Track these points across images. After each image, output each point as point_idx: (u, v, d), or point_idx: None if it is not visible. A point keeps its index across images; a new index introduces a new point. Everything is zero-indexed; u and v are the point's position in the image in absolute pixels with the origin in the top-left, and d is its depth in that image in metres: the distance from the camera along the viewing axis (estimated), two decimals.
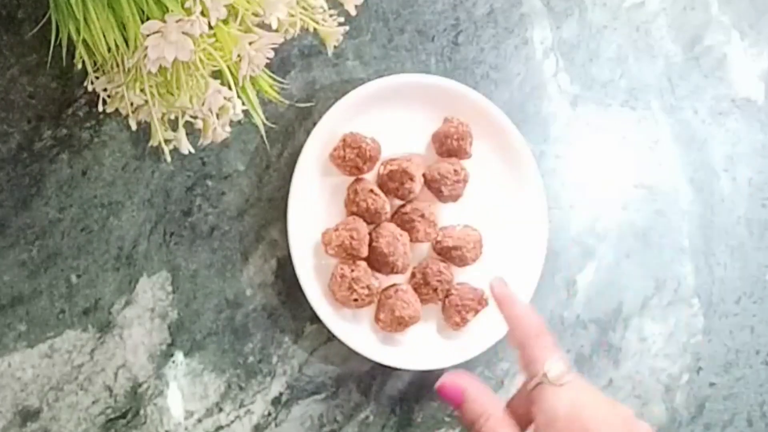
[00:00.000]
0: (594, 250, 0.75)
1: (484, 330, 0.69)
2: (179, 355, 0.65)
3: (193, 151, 0.58)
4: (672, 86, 0.78)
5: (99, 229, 0.64)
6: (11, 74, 0.62)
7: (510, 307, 0.57)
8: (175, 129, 0.57)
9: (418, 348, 0.68)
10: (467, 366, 0.69)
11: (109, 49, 0.53)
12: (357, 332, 0.66)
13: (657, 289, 0.76)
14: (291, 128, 0.68)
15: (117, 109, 0.57)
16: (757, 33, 0.81)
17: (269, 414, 0.66)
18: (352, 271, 0.65)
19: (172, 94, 0.54)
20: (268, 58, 0.54)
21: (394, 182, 0.66)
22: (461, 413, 0.54)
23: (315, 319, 0.66)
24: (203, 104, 0.53)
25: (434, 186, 0.68)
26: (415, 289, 0.67)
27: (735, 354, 0.77)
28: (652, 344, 0.75)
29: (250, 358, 0.66)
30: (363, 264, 0.66)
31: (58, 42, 0.56)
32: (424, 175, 0.68)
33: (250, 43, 0.52)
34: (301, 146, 0.66)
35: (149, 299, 0.64)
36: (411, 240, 0.67)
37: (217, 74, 0.54)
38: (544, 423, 0.50)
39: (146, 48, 0.49)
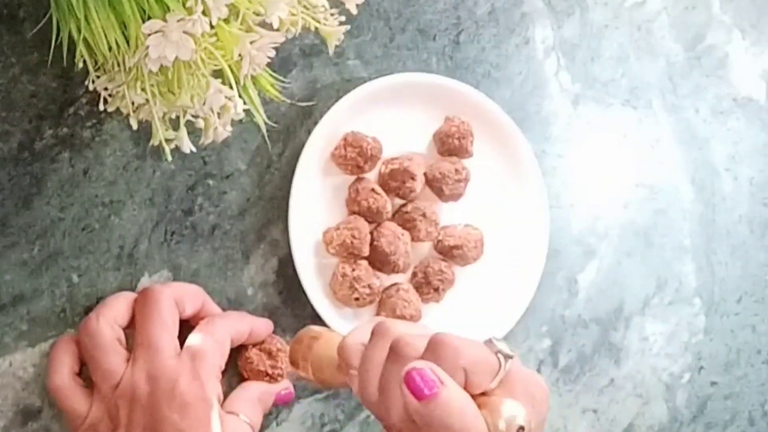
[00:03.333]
0: (595, 249, 0.75)
1: (486, 330, 0.69)
2: None
3: (194, 150, 0.57)
4: (673, 85, 0.78)
5: (100, 228, 0.64)
6: (12, 73, 0.62)
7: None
8: (176, 128, 0.57)
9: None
10: None
11: (110, 48, 0.53)
12: None
13: (658, 289, 0.76)
14: (292, 127, 0.68)
15: (118, 108, 0.57)
16: (758, 32, 0.81)
17: (270, 413, 0.66)
18: (354, 270, 0.65)
19: (173, 94, 0.54)
20: (269, 57, 0.54)
21: (395, 181, 0.66)
22: (427, 408, 0.42)
23: (316, 318, 0.65)
24: (204, 103, 0.53)
25: (435, 185, 0.68)
26: (417, 289, 0.67)
27: (736, 353, 0.77)
28: (653, 343, 0.75)
29: None
30: (364, 263, 0.66)
31: (58, 41, 0.56)
32: (425, 174, 0.68)
33: (252, 43, 0.52)
34: (303, 145, 0.66)
35: None
36: (412, 239, 0.67)
37: (218, 73, 0.54)
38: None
39: (147, 47, 0.49)
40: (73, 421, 0.55)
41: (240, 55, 0.52)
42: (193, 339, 0.55)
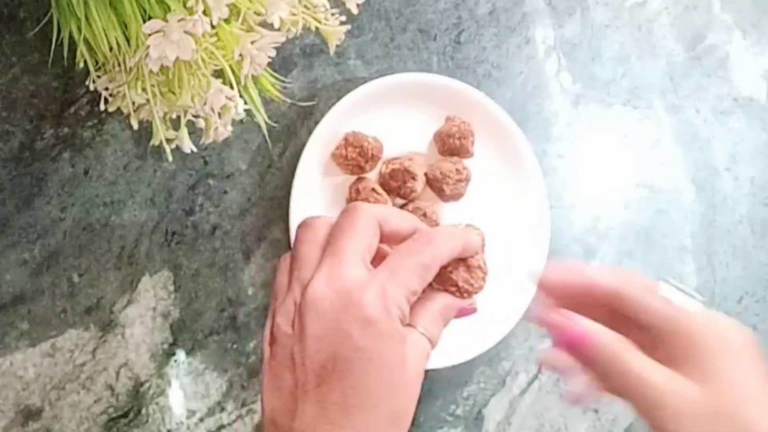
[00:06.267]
0: (596, 249, 0.75)
1: (486, 329, 0.69)
2: (181, 354, 0.65)
3: (195, 150, 0.57)
4: (674, 85, 0.78)
5: (101, 228, 0.64)
6: (13, 73, 0.62)
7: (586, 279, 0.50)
8: (177, 128, 0.57)
9: None
10: (468, 365, 0.69)
11: (110, 48, 0.53)
12: None
13: None
14: (293, 127, 0.68)
15: (119, 108, 0.57)
16: (759, 32, 0.81)
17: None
18: None
19: (174, 94, 0.54)
20: (270, 57, 0.54)
21: (396, 181, 0.66)
22: (586, 352, 0.47)
23: None
24: (205, 103, 0.53)
25: (436, 185, 0.68)
26: None
27: None
28: None
29: (252, 357, 0.66)
30: None
31: (59, 41, 0.56)
32: (426, 174, 0.68)
33: (252, 42, 0.52)
34: (303, 145, 0.66)
35: (151, 298, 0.64)
36: None
37: (219, 73, 0.54)
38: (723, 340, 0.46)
39: (148, 47, 0.49)
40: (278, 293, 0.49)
41: (241, 55, 0.52)
42: (398, 253, 0.48)
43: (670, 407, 0.44)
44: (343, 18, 0.60)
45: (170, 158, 0.57)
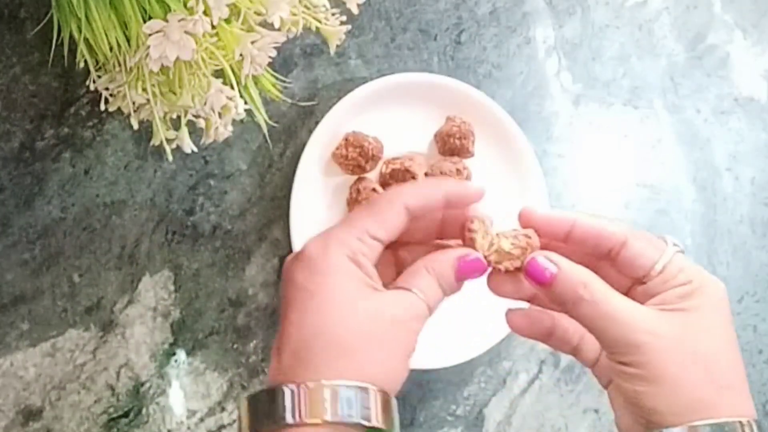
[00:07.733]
0: None
1: (486, 329, 0.68)
2: (181, 354, 0.65)
3: (195, 150, 0.58)
4: (674, 85, 0.78)
5: (101, 228, 0.64)
6: (13, 73, 0.62)
7: (585, 220, 0.52)
8: (177, 128, 0.57)
9: (420, 347, 0.68)
10: (469, 365, 0.69)
11: (111, 48, 0.53)
12: None
13: None
14: (293, 127, 0.68)
15: (119, 108, 0.57)
16: (759, 32, 0.81)
17: None
18: None
19: (175, 93, 0.54)
20: (270, 57, 0.54)
21: (396, 181, 0.66)
22: (553, 289, 0.48)
23: None
24: (205, 103, 0.53)
25: None
26: None
27: None
28: None
29: (252, 357, 0.66)
30: None
31: (59, 41, 0.56)
32: (426, 174, 0.68)
33: (253, 43, 0.52)
34: (304, 145, 0.66)
35: (151, 298, 0.64)
36: None
37: (219, 73, 0.54)
38: (705, 284, 0.47)
39: (148, 47, 0.49)
40: None
41: (241, 55, 0.52)
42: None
43: (645, 344, 0.45)
44: (344, 18, 0.60)
45: (170, 158, 0.57)
